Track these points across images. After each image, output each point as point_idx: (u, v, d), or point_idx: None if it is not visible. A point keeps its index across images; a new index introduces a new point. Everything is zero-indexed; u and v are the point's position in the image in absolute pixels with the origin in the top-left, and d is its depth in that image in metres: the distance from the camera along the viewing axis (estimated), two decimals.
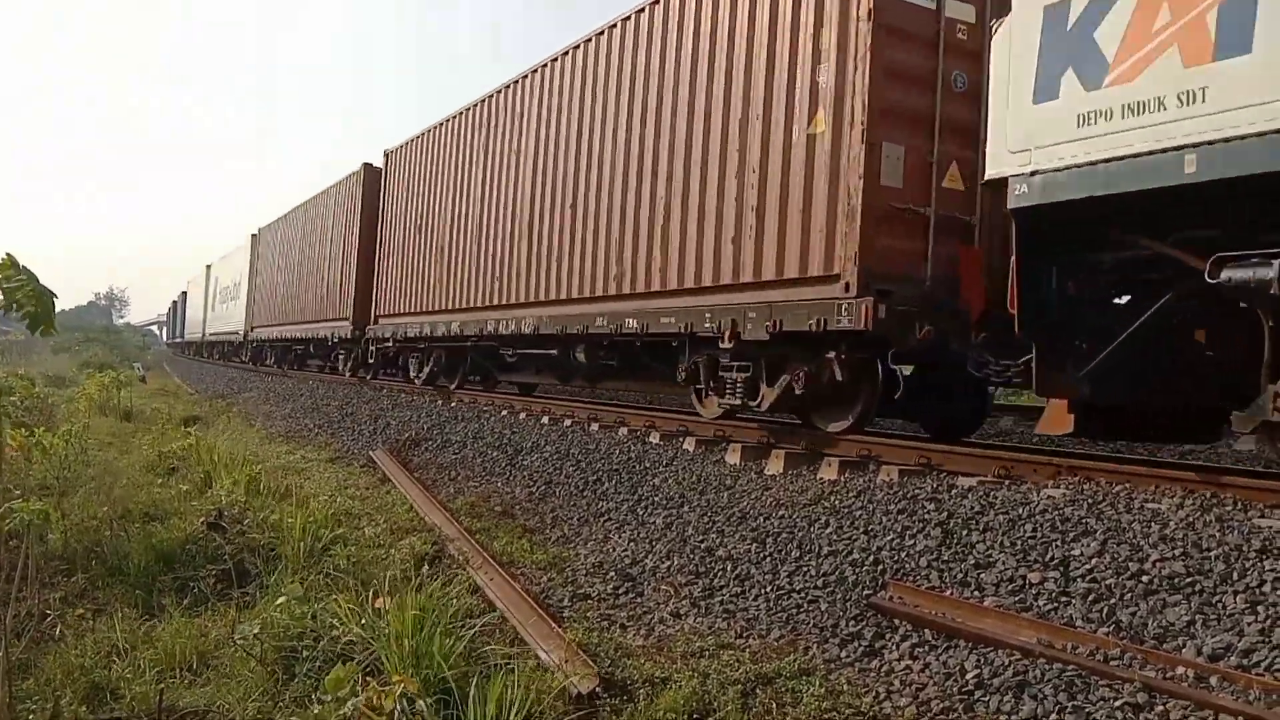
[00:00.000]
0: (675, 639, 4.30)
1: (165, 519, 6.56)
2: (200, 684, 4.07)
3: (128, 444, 10.83)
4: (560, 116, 11.48)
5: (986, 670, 3.63)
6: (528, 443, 9.36)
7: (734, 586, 4.98)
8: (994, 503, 5.16)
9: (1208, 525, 4.37)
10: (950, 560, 4.64)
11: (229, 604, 4.95)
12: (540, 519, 6.91)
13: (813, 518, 5.63)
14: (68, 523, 6.04)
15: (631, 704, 3.65)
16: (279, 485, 7.73)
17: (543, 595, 5.02)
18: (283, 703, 3.81)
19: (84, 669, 4.11)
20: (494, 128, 13.40)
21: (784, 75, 7.74)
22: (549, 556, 5.81)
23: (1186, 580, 3.91)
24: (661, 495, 6.82)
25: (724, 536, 5.70)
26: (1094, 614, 3.86)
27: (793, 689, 3.68)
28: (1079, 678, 3.44)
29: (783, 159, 7.69)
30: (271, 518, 6.28)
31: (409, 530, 6.46)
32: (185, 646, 4.35)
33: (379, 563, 5.50)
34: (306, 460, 10.13)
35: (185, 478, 8.17)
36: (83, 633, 4.59)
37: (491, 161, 13.36)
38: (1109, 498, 4.97)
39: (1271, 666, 3.27)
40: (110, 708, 3.89)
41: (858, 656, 3.98)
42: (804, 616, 4.46)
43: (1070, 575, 4.19)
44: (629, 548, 5.88)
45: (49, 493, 7.00)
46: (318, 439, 12.16)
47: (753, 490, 6.48)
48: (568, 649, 4.02)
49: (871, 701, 3.56)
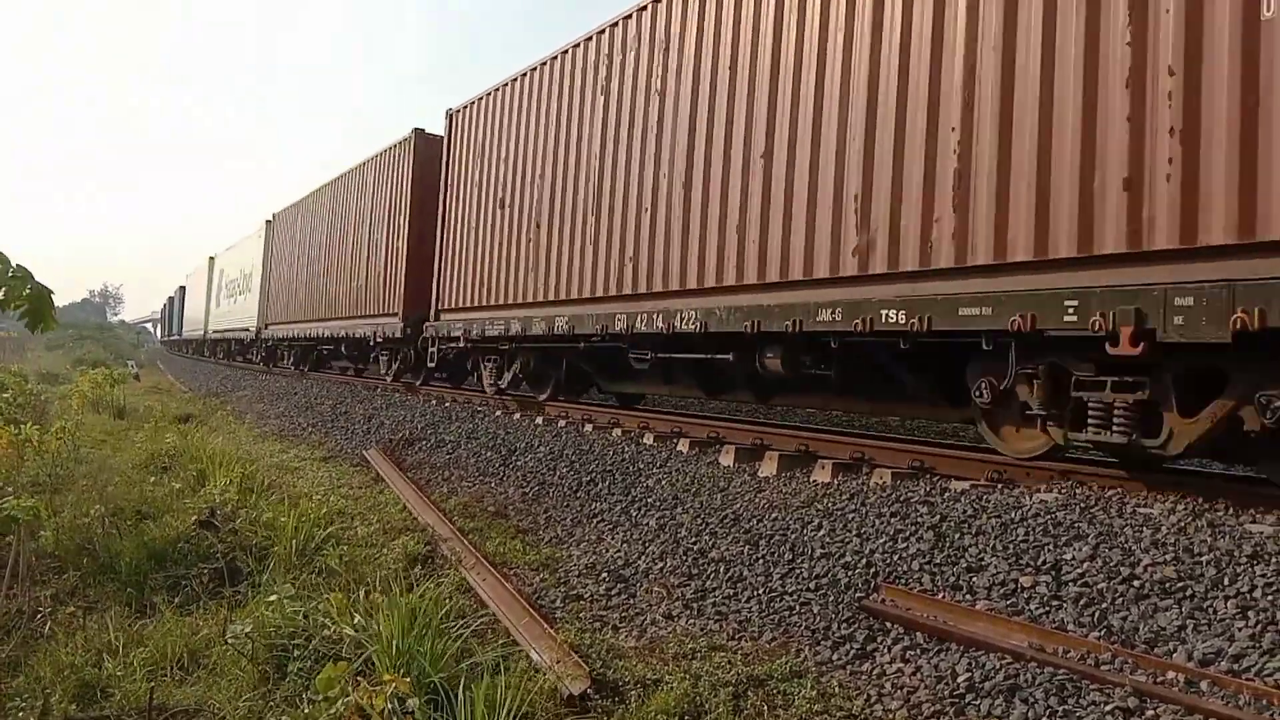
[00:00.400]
0: (667, 640, 4.30)
1: (157, 517, 6.55)
2: (191, 683, 4.07)
3: (120, 442, 10.80)
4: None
5: (978, 674, 3.64)
6: (521, 443, 9.35)
7: (726, 588, 4.98)
8: (986, 506, 5.17)
9: (1199, 530, 4.39)
10: (942, 563, 4.65)
11: (221, 603, 4.94)
12: (533, 519, 6.91)
13: (806, 520, 5.63)
14: (59, 520, 6.03)
15: (623, 705, 3.65)
16: (272, 484, 7.73)
17: (535, 596, 5.01)
18: (274, 702, 3.80)
19: (74, 667, 4.11)
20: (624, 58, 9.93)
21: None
22: (542, 557, 5.81)
23: (1178, 585, 3.92)
24: (655, 496, 6.82)
25: (717, 538, 5.70)
26: (1085, 618, 3.87)
27: (784, 691, 3.68)
28: (1070, 682, 3.44)
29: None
30: (264, 516, 6.28)
31: (402, 530, 6.45)
32: (176, 645, 4.34)
33: (371, 562, 5.50)
34: (300, 459, 10.11)
35: (178, 476, 8.16)
36: (73, 631, 4.59)
37: (618, 100, 9.90)
38: (1101, 502, 4.98)
39: (1262, 672, 3.28)
40: (100, 706, 3.88)
41: (849, 659, 3.99)
42: (796, 619, 4.46)
43: (1062, 579, 4.20)
44: (622, 549, 5.88)
45: (41, 490, 6.99)
46: (311, 438, 12.14)
47: (746, 492, 6.48)
48: (560, 650, 4.02)
49: (863, 704, 3.56)
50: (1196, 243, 4.74)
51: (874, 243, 6.54)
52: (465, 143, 13.84)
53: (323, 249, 20.88)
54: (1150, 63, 5.00)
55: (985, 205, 5.79)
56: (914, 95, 6.34)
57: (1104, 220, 5.14)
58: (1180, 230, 4.79)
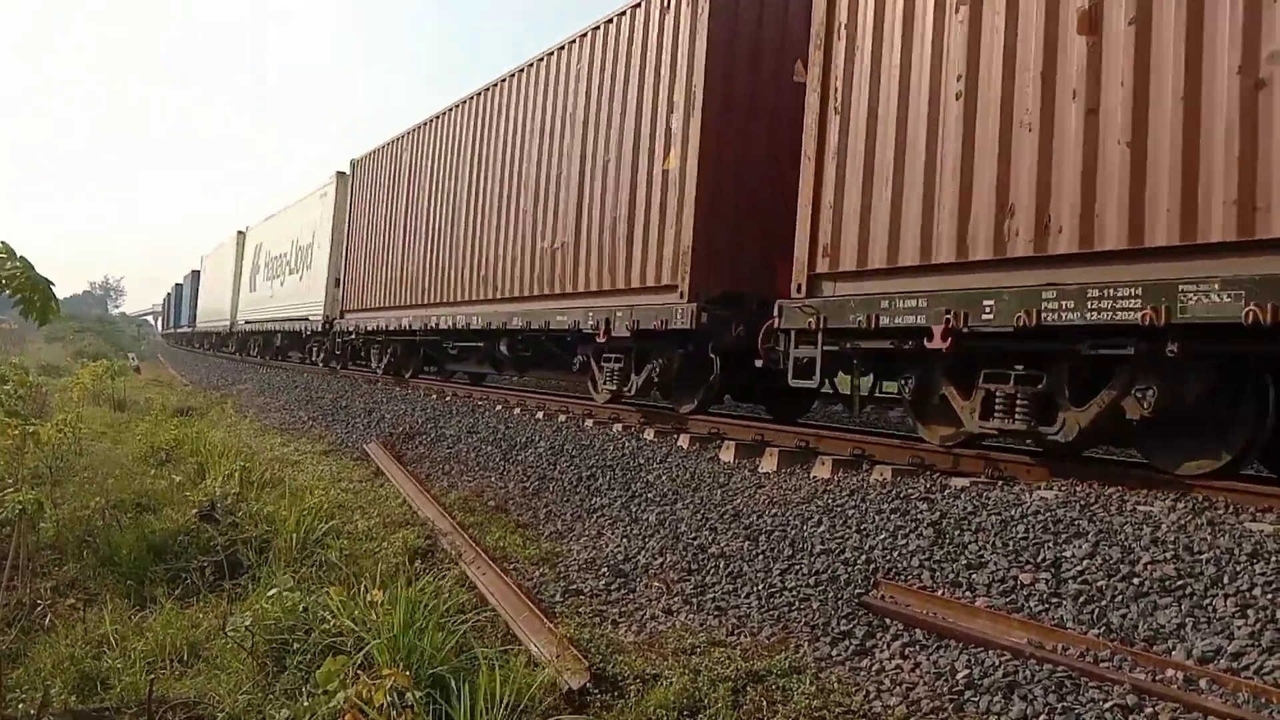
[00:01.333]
0: (667, 635, 4.30)
1: (158, 510, 6.56)
2: (191, 675, 4.07)
3: (121, 434, 10.81)
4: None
5: (977, 670, 3.64)
6: (522, 438, 9.36)
7: (726, 584, 4.98)
8: (987, 503, 5.17)
9: (1199, 528, 4.38)
10: (942, 560, 4.65)
11: (221, 595, 4.95)
12: (533, 514, 6.91)
13: (805, 516, 5.63)
14: (60, 512, 6.04)
15: (622, 700, 3.65)
16: (272, 477, 7.73)
17: (535, 590, 5.02)
18: (273, 694, 3.81)
19: (74, 659, 4.12)
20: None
21: None
22: (541, 552, 5.81)
23: (1177, 583, 3.92)
24: (655, 492, 6.83)
25: (717, 534, 5.70)
26: (1085, 615, 3.87)
27: (783, 687, 3.68)
28: (1069, 679, 3.44)
29: None
30: (265, 510, 6.28)
31: (402, 524, 6.46)
32: (176, 637, 4.35)
33: (372, 556, 5.50)
34: (300, 452, 10.12)
35: (178, 468, 8.16)
36: (73, 622, 4.60)
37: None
38: (1101, 500, 4.98)
39: (1261, 670, 3.28)
40: (100, 698, 3.89)
41: (849, 655, 3.99)
42: (795, 615, 4.46)
43: (1062, 576, 4.20)
44: (622, 544, 5.88)
45: (42, 482, 7.00)
46: (312, 431, 12.15)
47: (746, 488, 6.48)
48: (559, 644, 4.02)
49: (862, 700, 3.56)
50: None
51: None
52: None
53: (483, 197, 13.01)
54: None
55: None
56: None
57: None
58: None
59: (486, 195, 12.78)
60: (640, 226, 9.08)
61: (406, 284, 15.62)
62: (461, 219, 13.54)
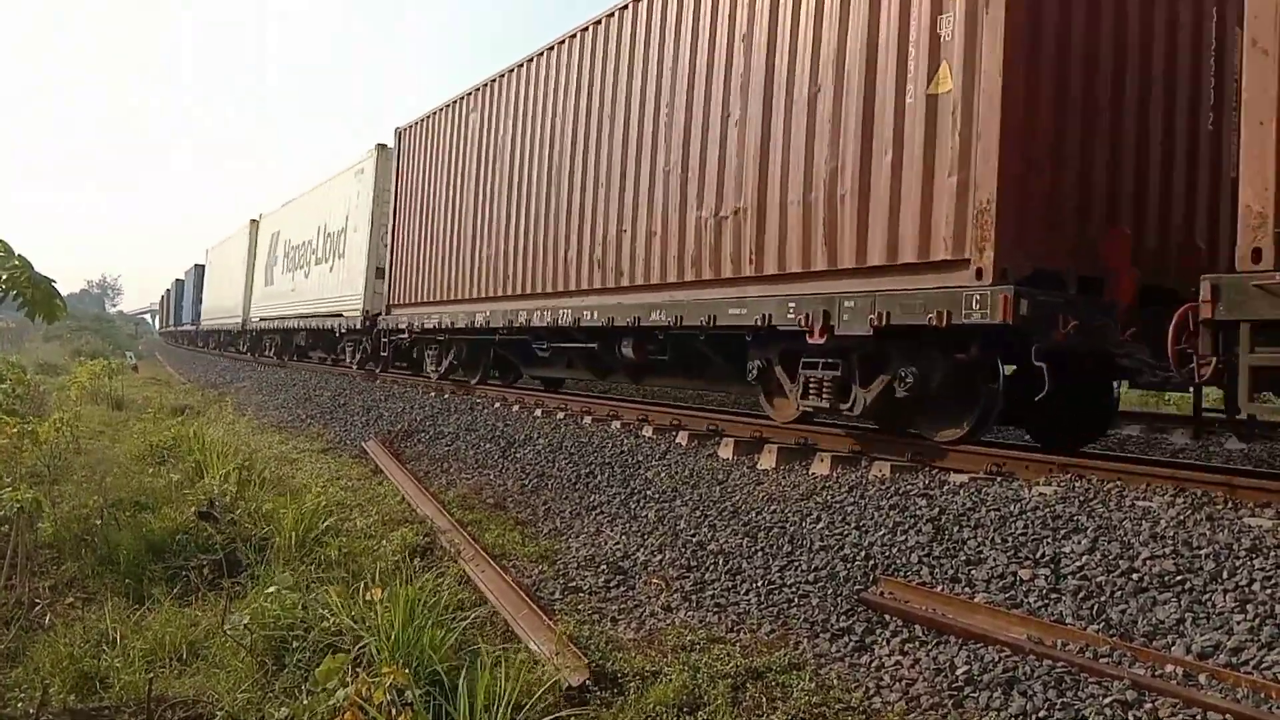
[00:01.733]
0: (666, 632, 4.30)
1: (156, 508, 6.55)
2: (190, 673, 4.07)
3: (119, 433, 10.80)
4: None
5: (976, 666, 3.64)
6: (520, 435, 9.35)
7: (725, 581, 4.98)
8: (985, 499, 5.17)
9: (1198, 524, 4.39)
10: (941, 556, 4.65)
11: (219, 594, 4.94)
12: (532, 511, 6.91)
13: (804, 512, 5.64)
14: (58, 511, 6.03)
15: (621, 697, 3.65)
16: (271, 475, 7.72)
17: (534, 588, 5.01)
18: (272, 693, 3.81)
19: (73, 658, 4.11)
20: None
21: None
22: (540, 549, 5.81)
23: (1176, 578, 3.92)
24: (654, 489, 6.83)
25: (716, 530, 5.70)
26: (1084, 611, 3.87)
27: (783, 683, 3.68)
28: (1068, 675, 3.45)
29: None
30: (263, 508, 6.27)
31: (401, 522, 6.45)
32: (175, 636, 4.34)
33: (370, 554, 5.50)
34: (299, 451, 10.11)
35: (177, 467, 8.15)
36: (72, 621, 4.59)
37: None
38: (1100, 495, 4.98)
39: (1260, 665, 3.28)
40: (99, 696, 3.88)
41: (848, 652, 3.99)
42: (795, 611, 4.46)
43: (1061, 572, 4.20)
44: (621, 541, 5.88)
45: (40, 481, 6.99)
46: (310, 429, 12.14)
47: (745, 485, 6.48)
48: (558, 641, 4.02)
49: (861, 696, 3.56)
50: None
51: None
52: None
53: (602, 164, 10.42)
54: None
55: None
56: None
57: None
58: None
59: (597, 158, 10.08)
60: (884, 179, 6.55)
61: (480, 273, 12.75)
62: (560, 191, 10.76)
